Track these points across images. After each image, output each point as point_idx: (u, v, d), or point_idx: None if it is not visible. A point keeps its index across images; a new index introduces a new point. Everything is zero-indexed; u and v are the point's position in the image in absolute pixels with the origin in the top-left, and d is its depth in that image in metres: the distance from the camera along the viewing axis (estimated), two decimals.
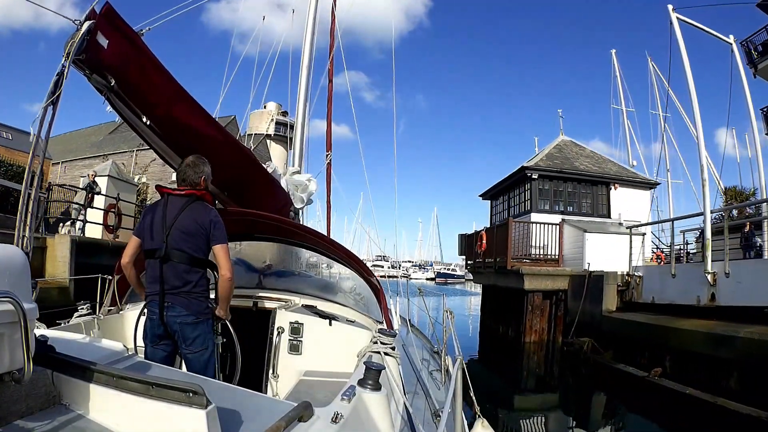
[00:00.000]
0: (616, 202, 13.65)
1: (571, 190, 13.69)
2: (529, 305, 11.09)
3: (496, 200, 16.72)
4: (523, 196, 14.10)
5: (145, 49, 2.27)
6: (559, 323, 10.92)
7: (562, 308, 10.87)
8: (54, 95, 1.62)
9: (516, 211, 14.41)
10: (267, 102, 16.17)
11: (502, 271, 11.97)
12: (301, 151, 5.72)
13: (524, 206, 13.90)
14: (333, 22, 6.97)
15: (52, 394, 1.31)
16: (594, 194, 13.76)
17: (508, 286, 11.81)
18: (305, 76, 5.69)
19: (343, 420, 1.36)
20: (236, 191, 3.27)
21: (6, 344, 1.07)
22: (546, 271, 11.08)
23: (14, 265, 1.14)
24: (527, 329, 11.08)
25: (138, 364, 1.69)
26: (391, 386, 1.84)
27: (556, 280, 10.94)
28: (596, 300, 9.54)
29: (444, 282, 50.48)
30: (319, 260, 4.32)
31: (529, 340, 11.00)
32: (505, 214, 15.34)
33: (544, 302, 11.16)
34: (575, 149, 15.31)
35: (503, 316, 12.70)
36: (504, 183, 15.35)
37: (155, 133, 2.54)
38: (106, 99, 2.23)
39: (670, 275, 8.56)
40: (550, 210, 13.32)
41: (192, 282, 2.22)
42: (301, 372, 2.68)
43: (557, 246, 12.00)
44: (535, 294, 11.06)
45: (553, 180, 13.53)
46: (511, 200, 15.13)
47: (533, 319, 11.12)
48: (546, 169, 13.48)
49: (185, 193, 2.29)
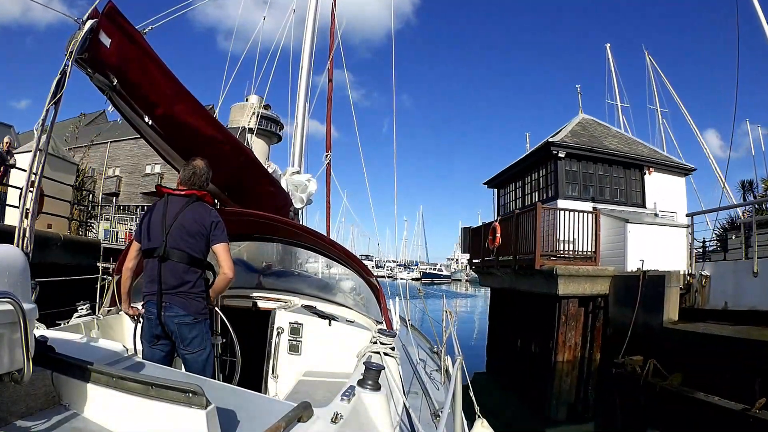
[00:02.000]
0: (651, 188, 11.22)
1: (602, 173, 11.10)
2: (562, 315, 8.71)
3: (504, 188, 13.91)
4: (545, 180, 11.43)
5: (147, 49, 2.26)
6: (596, 337, 8.75)
7: (601, 318, 8.70)
8: (57, 96, 1.61)
9: (535, 199, 11.71)
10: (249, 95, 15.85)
11: (525, 272, 9.53)
12: (301, 151, 5.72)
13: (547, 192, 11.25)
14: (333, 22, 6.99)
15: (52, 395, 1.31)
16: (627, 179, 11.25)
17: (533, 290, 9.39)
18: (305, 76, 5.69)
19: (343, 420, 1.36)
20: (236, 191, 3.27)
21: (6, 344, 1.06)
22: (585, 272, 8.64)
23: (14, 265, 1.14)
24: (559, 345, 8.72)
25: (137, 364, 1.69)
26: (391, 386, 1.84)
27: (595, 283, 8.66)
28: (653, 308, 7.40)
29: (430, 282, 48.93)
30: (318, 260, 4.32)
31: (561, 359, 8.66)
32: (517, 203, 12.82)
33: (578, 310, 8.92)
34: (600, 128, 12.94)
35: (524, 328, 10.08)
36: (518, 166, 12.79)
37: (157, 132, 2.54)
38: (108, 98, 2.23)
39: (751, 274, 6.67)
40: (579, 196, 10.69)
41: (190, 282, 2.22)
42: (300, 372, 2.68)
43: (593, 240, 9.34)
44: (570, 300, 8.74)
45: (581, 160, 10.93)
46: (527, 186, 12.43)
47: (567, 332, 8.78)
48: (575, 147, 10.85)
49: (186, 194, 2.30)
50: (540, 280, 8.99)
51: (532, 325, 9.69)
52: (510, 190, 13.58)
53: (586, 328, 8.88)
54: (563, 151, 10.75)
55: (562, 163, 10.82)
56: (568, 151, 10.80)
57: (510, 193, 13.59)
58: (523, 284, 9.86)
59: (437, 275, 56.98)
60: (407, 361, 3.05)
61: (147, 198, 28.03)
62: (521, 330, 10.26)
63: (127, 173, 29.57)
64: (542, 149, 11.38)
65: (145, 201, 28.20)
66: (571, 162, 10.94)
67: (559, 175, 10.80)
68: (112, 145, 29.62)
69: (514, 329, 10.61)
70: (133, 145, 29.32)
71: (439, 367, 3.44)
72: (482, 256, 11.89)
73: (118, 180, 29.45)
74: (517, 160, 12.98)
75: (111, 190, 28.67)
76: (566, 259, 9.21)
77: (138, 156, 29.38)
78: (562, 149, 10.75)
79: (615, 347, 7.77)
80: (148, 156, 28.61)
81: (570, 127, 12.02)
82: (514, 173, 13.15)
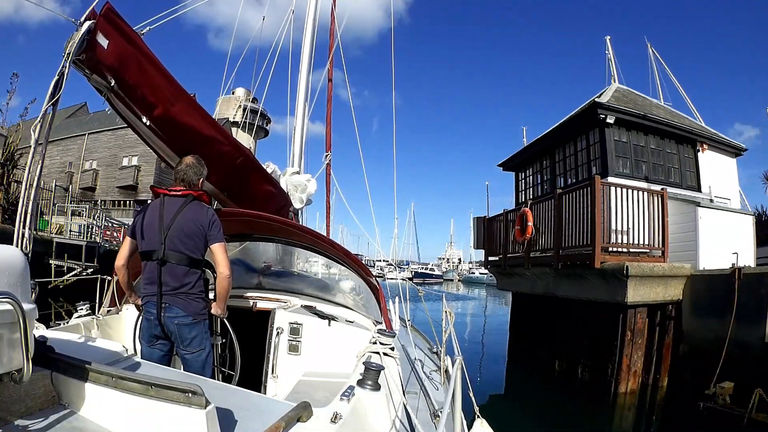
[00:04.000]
0: (704, 169, 9.12)
1: (654, 147, 8.86)
2: (628, 330, 6.43)
3: (526, 169, 11.38)
4: (585, 154, 9.10)
5: (145, 49, 2.27)
6: (665, 357, 6.61)
7: (671, 332, 6.62)
8: (54, 97, 1.61)
9: (572, 178, 9.46)
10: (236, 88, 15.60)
11: (573, 272, 7.16)
12: (301, 151, 5.72)
13: (589, 168, 8.87)
14: (332, 22, 6.98)
15: (51, 395, 1.31)
16: (680, 156, 9.10)
17: (584, 296, 7.06)
18: (305, 75, 5.69)
19: (342, 420, 1.37)
20: (235, 191, 3.27)
21: (5, 345, 1.07)
22: (661, 271, 6.35)
23: (14, 265, 1.14)
24: (623, 371, 6.45)
25: (137, 364, 1.69)
26: (391, 386, 1.84)
27: (668, 286, 6.47)
28: (753, 318, 5.50)
29: (422, 282, 46.92)
30: (318, 260, 4.32)
31: (624, 389, 6.44)
32: (544, 187, 10.37)
33: (644, 323, 6.71)
34: (640, 98, 10.41)
35: (567, 346, 7.71)
36: (546, 140, 10.31)
37: (155, 133, 2.54)
38: (106, 99, 2.23)
39: None
40: (632, 174, 8.43)
41: (190, 283, 2.22)
42: (300, 372, 2.68)
43: (658, 229, 6.85)
44: (638, 310, 6.49)
45: (631, 129, 8.69)
46: (559, 164, 9.92)
47: (633, 353, 6.50)
48: (626, 112, 8.55)
49: (182, 194, 2.28)
50: (597, 282, 6.67)
51: (580, 342, 7.28)
52: (535, 170, 11.07)
53: (650, 346, 6.64)
54: (612, 116, 8.32)
55: (610, 132, 8.44)
56: (618, 116, 8.41)
57: (534, 175, 11.06)
58: (568, 288, 7.50)
59: (429, 275, 54.96)
60: (407, 361, 3.05)
61: (123, 192, 27.53)
62: (561, 348, 7.85)
63: (104, 166, 28.80)
64: (585, 114, 8.96)
65: (121, 196, 27.67)
66: (620, 131, 8.59)
67: (607, 147, 8.40)
68: (90, 136, 28.89)
69: (551, 347, 8.14)
70: (110, 137, 28.61)
71: (439, 367, 3.44)
72: (503, 252, 9.46)
73: (95, 173, 28.70)
74: (543, 134, 10.48)
75: (87, 185, 27.97)
76: (624, 254, 6.86)
77: (116, 148, 28.56)
78: (611, 113, 8.33)
79: (693, 371, 6.03)
80: (125, 147, 27.90)
81: (609, 95, 9.48)
82: (540, 150, 10.64)
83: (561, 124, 9.98)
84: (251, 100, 15.40)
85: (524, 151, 11.35)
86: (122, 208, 27.63)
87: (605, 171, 8.32)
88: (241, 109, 14.65)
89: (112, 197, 28.09)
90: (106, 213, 17.44)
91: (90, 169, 28.72)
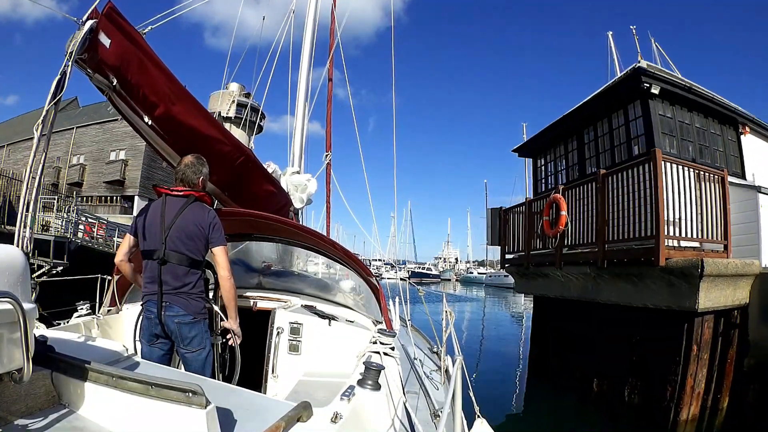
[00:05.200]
0: (747, 154, 8.05)
1: (699, 126, 7.64)
2: (693, 343, 5.24)
3: (546, 154, 9.84)
4: (624, 132, 7.65)
5: (147, 49, 2.27)
6: (727, 373, 5.48)
7: (735, 343, 5.52)
8: (57, 96, 1.61)
9: (607, 161, 7.96)
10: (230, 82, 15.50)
11: (624, 272, 5.81)
12: (302, 151, 5.72)
13: (629, 148, 7.53)
14: (333, 22, 6.98)
15: (52, 395, 1.31)
16: (724, 138, 7.96)
17: (635, 303, 5.76)
18: (305, 75, 5.69)
19: (343, 420, 1.37)
20: (236, 191, 3.27)
21: (5, 344, 1.07)
22: (734, 269, 5.19)
23: (14, 265, 1.15)
24: (686, 393, 5.22)
25: (137, 364, 1.69)
26: (391, 386, 1.84)
27: (737, 287, 5.38)
28: None
29: (419, 282, 47.04)
30: (318, 260, 4.32)
31: (686, 416, 5.20)
32: (572, 172, 8.93)
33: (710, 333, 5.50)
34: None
35: (610, 363, 6.23)
36: (572, 119, 8.78)
37: (156, 132, 2.54)
38: (108, 99, 2.23)
39: None
40: (679, 155, 7.01)
41: (190, 283, 2.22)
42: (300, 372, 2.68)
43: (720, 219, 5.68)
44: (705, 318, 5.30)
45: (674, 104, 7.35)
46: (590, 145, 8.48)
47: (698, 371, 5.30)
48: (673, 82, 7.18)
49: (184, 194, 2.29)
50: (658, 284, 5.39)
51: (628, 358, 5.88)
52: (558, 155, 9.47)
53: (712, 360, 5.42)
54: (657, 86, 6.87)
55: (655, 105, 7.03)
56: (663, 87, 6.95)
57: (558, 160, 9.49)
58: (614, 291, 6.07)
59: (426, 275, 54.17)
60: (407, 361, 3.05)
61: (110, 188, 27.32)
62: (602, 365, 6.39)
63: (91, 161, 28.56)
64: (623, 84, 7.55)
65: (108, 191, 27.45)
66: (663, 105, 7.23)
67: (653, 121, 6.99)
68: (78, 130, 28.68)
69: (587, 363, 6.67)
70: (98, 130, 28.40)
71: (439, 367, 3.44)
72: (525, 248, 8.01)
73: (82, 168, 28.43)
74: (568, 112, 8.98)
75: (74, 180, 27.76)
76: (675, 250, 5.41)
77: (103, 142, 28.34)
78: (656, 83, 6.89)
79: (760, 388, 5.13)
80: (113, 141, 27.72)
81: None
82: (564, 131, 9.15)
83: (591, 99, 8.43)
84: (246, 95, 15.15)
85: (545, 134, 9.66)
86: (109, 204, 27.39)
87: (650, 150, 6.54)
88: (235, 104, 14.46)
89: (99, 193, 27.84)
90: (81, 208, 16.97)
91: (77, 164, 28.48)
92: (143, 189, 27.26)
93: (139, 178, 27.13)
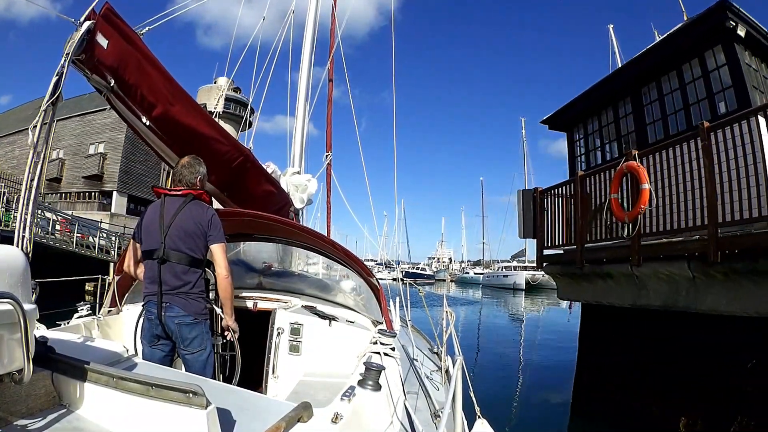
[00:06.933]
0: None
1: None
2: None
3: (586, 124, 7.95)
4: (703, 85, 5.92)
5: (145, 50, 2.27)
6: None
7: None
8: (54, 96, 1.61)
9: (679, 125, 6.22)
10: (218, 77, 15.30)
11: (749, 267, 3.85)
12: (302, 151, 5.71)
13: (711, 106, 5.80)
14: (333, 22, 6.97)
15: (52, 395, 1.31)
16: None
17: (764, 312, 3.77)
18: (305, 75, 5.68)
19: (343, 420, 1.37)
20: (236, 191, 3.27)
21: (6, 345, 1.07)
22: None
23: (14, 265, 1.14)
24: None
25: (138, 364, 1.69)
26: (391, 386, 1.84)
27: None
28: None
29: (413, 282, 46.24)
30: (318, 260, 4.32)
31: None
32: (627, 141, 7.07)
33: None
34: None
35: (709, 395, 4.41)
36: (629, 72, 7.02)
37: (154, 133, 2.54)
38: (106, 99, 2.24)
39: None
40: None
41: (190, 282, 2.22)
42: (301, 372, 2.68)
43: None
44: None
45: (756, 55, 5.78)
46: (652, 106, 6.68)
47: None
48: (758, 28, 5.57)
49: (182, 194, 2.29)
50: None
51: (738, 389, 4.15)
52: (604, 123, 7.56)
53: None
54: (743, 28, 5.34)
55: (741, 51, 5.46)
56: (749, 30, 5.39)
57: (605, 129, 7.57)
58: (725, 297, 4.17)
59: (420, 275, 52.39)
60: (407, 361, 3.05)
61: (88, 183, 27.09)
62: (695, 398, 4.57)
63: (70, 155, 28.35)
64: (699, 25, 5.81)
65: (86, 187, 27.20)
66: (750, 55, 5.66)
67: (743, 70, 5.39)
68: (57, 124, 28.86)
69: (670, 395, 4.91)
70: (78, 123, 28.20)
71: (439, 368, 3.44)
72: (578, 240, 5.90)
73: (61, 163, 28.18)
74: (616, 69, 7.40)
75: (53, 176, 27.49)
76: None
77: (82, 135, 28.11)
78: (743, 24, 5.33)
79: None
80: (92, 134, 27.46)
81: None
82: (612, 92, 7.28)
83: (651, 49, 6.67)
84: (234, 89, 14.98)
85: (583, 99, 7.77)
86: (87, 200, 27.10)
87: (742, 107, 5.04)
88: (223, 99, 14.29)
89: (77, 189, 27.54)
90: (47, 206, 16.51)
91: (56, 159, 28.22)
92: (122, 184, 26.91)
93: (117, 172, 26.87)
